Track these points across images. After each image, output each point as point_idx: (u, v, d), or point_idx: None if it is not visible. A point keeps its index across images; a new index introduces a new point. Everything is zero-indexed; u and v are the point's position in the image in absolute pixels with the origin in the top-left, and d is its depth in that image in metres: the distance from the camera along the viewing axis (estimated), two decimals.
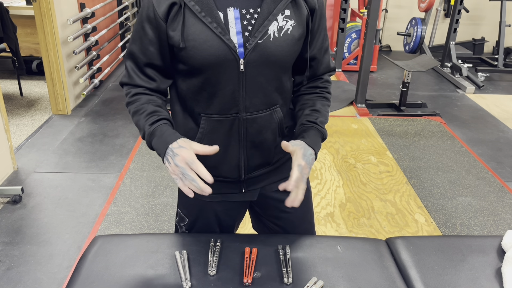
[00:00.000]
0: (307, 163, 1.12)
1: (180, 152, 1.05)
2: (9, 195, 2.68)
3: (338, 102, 4.30)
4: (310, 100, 1.25)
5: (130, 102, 1.17)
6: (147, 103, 1.16)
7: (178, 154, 1.05)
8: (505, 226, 2.58)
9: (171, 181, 2.90)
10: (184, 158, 1.04)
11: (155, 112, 1.14)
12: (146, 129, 1.12)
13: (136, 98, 1.16)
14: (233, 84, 1.11)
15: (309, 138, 1.17)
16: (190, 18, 1.07)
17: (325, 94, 1.28)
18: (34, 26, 4.34)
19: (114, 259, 1.23)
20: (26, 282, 2.08)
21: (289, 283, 1.15)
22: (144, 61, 1.14)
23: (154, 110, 1.14)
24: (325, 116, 1.24)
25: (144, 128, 1.13)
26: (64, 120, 3.82)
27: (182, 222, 1.38)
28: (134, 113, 1.16)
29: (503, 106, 4.46)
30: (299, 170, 1.09)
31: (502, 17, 5.24)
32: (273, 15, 1.09)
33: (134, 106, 1.16)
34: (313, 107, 1.23)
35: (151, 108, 1.14)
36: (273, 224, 1.40)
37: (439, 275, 1.23)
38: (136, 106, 1.15)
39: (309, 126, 1.20)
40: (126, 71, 1.18)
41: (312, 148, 1.15)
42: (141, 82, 1.16)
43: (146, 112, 1.14)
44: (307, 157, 1.12)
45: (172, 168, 1.06)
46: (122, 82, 1.19)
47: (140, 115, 1.14)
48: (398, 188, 2.92)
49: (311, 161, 1.14)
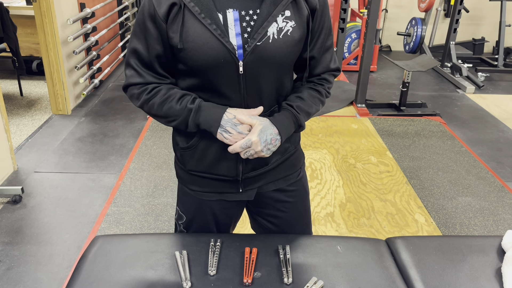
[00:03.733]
0: (260, 140, 1.11)
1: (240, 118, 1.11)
2: (9, 195, 2.68)
3: (338, 102, 4.30)
4: (299, 88, 1.24)
5: (149, 98, 1.15)
6: (171, 90, 1.15)
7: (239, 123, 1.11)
8: (505, 226, 2.58)
9: (171, 181, 2.90)
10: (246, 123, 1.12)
11: (186, 94, 1.14)
12: (189, 107, 1.12)
13: (155, 91, 1.15)
14: (232, 85, 1.11)
15: (278, 118, 1.16)
16: (190, 19, 1.06)
17: (318, 87, 1.25)
18: (34, 26, 4.34)
19: (114, 259, 1.23)
20: (26, 282, 2.08)
21: (289, 283, 1.15)
22: (150, 59, 1.13)
23: (184, 93, 1.14)
24: (308, 105, 1.21)
25: (186, 107, 1.12)
26: (64, 120, 3.82)
27: (180, 220, 1.39)
28: (161, 104, 1.14)
29: (503, 106, 4.46)
30: (246, 143, 1.10)
31: (502, 17, 5.24)
32: (272, 16, 1.08)
33: (158, 97, 1.14)
34: (298, 94, 1.22)
35: (180, 92, 1.14)
36: (269, 223, 1.39)
37: (439, 275, 1.23)
38: (161, 97, 1.14)
39: (284, 108, 1.19)
40: (133, 70, 1.15)
41: (276, 128, 1.14)
42: (153, 79, 1.15)
43: (177, 96, 1.13)
44: (265, 134, 1.12)
45: (233, 137, 1.11)
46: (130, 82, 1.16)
47: (170, 102, 1.13)
48: (398, 188, 2.92)
49: (271, 142, 1.13)
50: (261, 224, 1.42)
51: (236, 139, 1.10)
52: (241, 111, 1.12)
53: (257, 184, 1.28)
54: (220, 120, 1.10)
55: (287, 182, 1.33)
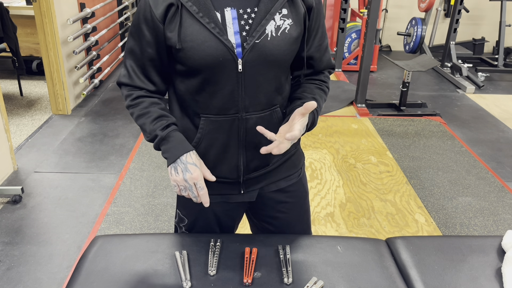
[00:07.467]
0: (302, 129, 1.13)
1: (193, 170, 1.11)
2: (9, 195, 2.68)
3: (338, 102, 4.30)
4: (309, 88, 1.26)
5: (132, 105, 1.18)
6: (152, 106, 1.17)
7: (191, 172, 1.11)
8: (505, 226, 2.58)
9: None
10: (194, 179, 1.11)
11: (163, 116, 1.16)
12: (158, 133, 1.14)
13: (138, 101, 1.17)
14: (231, 84, 1.11)
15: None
16: (188, 19, 1.07)
17: (324, 87, 1.28)
18: (34, 26, 4.34)
19: (114, 259, 1.23)
20: (26, 282, 2.08)
21: (289, 283, 1.15)
22: (144, 61, 1.14)
23: (162, 114, 1.16)
24: (320, 107, 1.25)
25: (155, 131, 1.14)
26: (64, 120, 3.82)
27: (182, 223, 1.38)
28: (138, 116, 1.17)
29: (503, 106, 4.46)
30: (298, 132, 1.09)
31: (502, 17, 5.24)
32: (270, 14, 1.09)
33: (138, 109, 1.17)
34: (313, 95, 1.24)
35: (158, 112, 1.16)
36: (268, 224, 1.39)
37: (439, 275, 1.23)
38: (140, 110, 1.17)
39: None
40: (126, 70, 1.18)
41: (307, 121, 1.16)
42: (141, 84, 1.17)
43: (153, 116, 1.15)
44: (303, 127, 1.14)
45: (178, 179, 1.11)
46: (121, 82, 1.19)
47: (146, 118, 1.16)
48: (398, 188, 2.91)
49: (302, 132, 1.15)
50: (260, 227, 1.42)
51: (178, 181, 1.11)
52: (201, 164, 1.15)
53: (259, 185, 1.28)
54: (178, 158, 1.12)
55: (288, 182, 1.32)
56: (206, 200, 1.13)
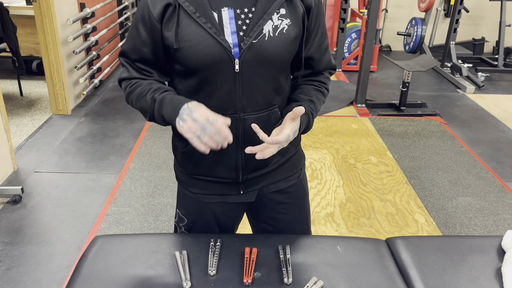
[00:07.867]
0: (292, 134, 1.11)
1: (198, 108, 1.03)
2: (9, 195, 2.68)
3: (338, 102, 4.30)
4: (307, 90, 1.25)
5: (131, 91, 1.16)
6: (149, 84, 1.14)
7: (197, 111, 1.02)
8: (505, 226, 2.58)
9: (171, 181, 2.90)
10: (203, 115, 1.01)
11: (160, 87, 1.13)
12: (155, 98, 1.09)
13: (136, 85, 1.15)
14: (229, 84, 1.11)
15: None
16: (185, 19, 1.07)
17: (323, 89, 1.27)
18: (34, 26, 4.34)
19: (114, 259, 1.23)
20: (26, 282, 2.08)
21: (289, 283, 1.15)
22: (136, 59, 1.15)
23: (159, 87, 1.13)
24: (317, 109, 1.24)
25: (153, 98, 1.10)
26: (64, 120, 3.82)
27: (181, 223, 1.38)
28: (137, 98, 1.14)
29: (503, 106, 4.46)
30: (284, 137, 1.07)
31: (502, 17, 5.24)
32: (268, 14, 1.08)
33: (136, 92, 1.14)
34: (309, 97, 1.22)
35: (156, 86, 1.13)
36: (268, 225, 1.39)
37: (439, 275, 1.23)
38: (138, 91, 1.14)
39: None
40: (124, 67, 1.19)
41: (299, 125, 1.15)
42: (139, 75, 1.17)
43: (151, 90, 1.12)
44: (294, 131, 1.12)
45: (189, 125, 1.01)
46: (120, 78, 1.19)
47: (144, 96, 1.12)
48: (398, 188, 2.91)
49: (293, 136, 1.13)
50: (260, 228, 1.42)
51: (191, 127, 1.01)
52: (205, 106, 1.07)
53: (258, 185, 1.28)
54: (179, 109, 1.05)
55: (287, 183, 1.32)
56: (226, 133, 1.00)
